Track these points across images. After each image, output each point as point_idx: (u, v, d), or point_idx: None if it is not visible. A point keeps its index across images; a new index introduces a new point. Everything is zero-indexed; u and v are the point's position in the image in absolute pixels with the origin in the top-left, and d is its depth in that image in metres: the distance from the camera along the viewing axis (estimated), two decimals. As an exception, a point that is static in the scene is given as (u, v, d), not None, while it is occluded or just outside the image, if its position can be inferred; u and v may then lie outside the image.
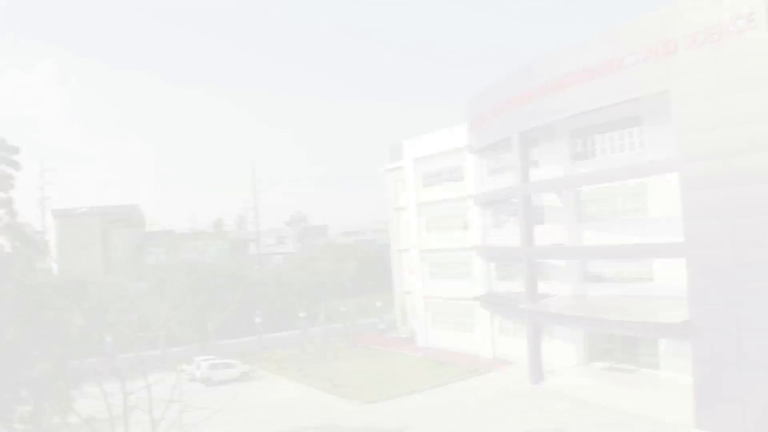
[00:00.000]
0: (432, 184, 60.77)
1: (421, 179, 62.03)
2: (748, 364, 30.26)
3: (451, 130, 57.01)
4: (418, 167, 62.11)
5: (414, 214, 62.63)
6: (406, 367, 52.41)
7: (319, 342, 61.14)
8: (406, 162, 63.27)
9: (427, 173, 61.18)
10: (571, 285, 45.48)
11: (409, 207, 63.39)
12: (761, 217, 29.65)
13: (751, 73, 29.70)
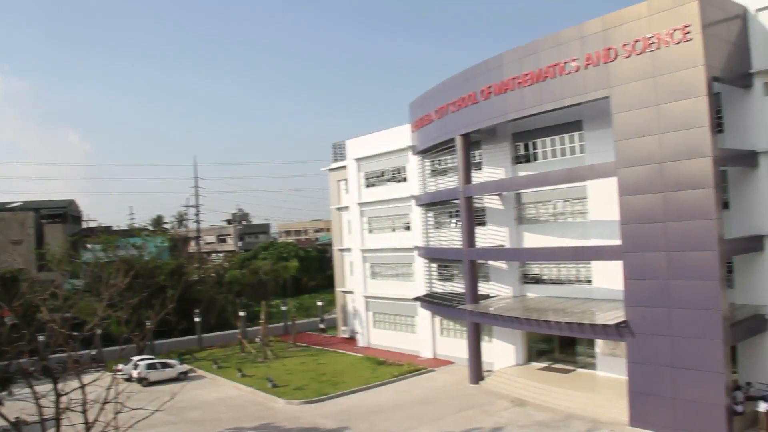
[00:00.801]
0: (374, 185, 60.85)
1: (364, 179, 62.04)
2: (680, 364, 31.23)
3: (394, 131, 57.14)
4: (361, 167, 62.09)
5: (356, 214, 62.61)
6: (346, 366, 52.36)
7: (260, 341, 60.58)
8: (349, 162, 63.19)
9: (370, 173, 61.25)
10: (512, 286, 46.09)
11: (352, 207, 63.32)
12: (693, 221, 30.59)
13: (685, 83, 30.61)
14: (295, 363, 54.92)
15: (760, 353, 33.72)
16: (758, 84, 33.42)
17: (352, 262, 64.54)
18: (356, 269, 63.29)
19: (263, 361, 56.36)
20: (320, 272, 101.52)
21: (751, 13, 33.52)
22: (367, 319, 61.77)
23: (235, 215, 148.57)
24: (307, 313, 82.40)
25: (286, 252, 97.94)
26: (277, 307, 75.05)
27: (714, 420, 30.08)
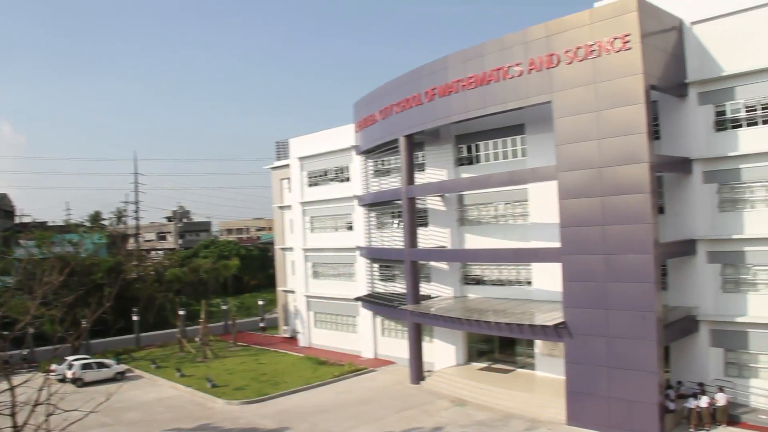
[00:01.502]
0: (317, 184, 60.70)
1: (307, 178, 61.83)
2: (615, 364, 32.05)
3: (338, 130, 57.12)
4: (304, 166, 61.86)
5: (298, 213, 62.36)
6: (287, 366, 52.09)
7: (199, 340, 59.81)
8: (292, 160, 62.87)
9: (313, 172, 61.07)
10: (453, 287, 46.57)
11: (294, 206, 63.05)
12: (630, 225, 31.42)
13: (625, 90, 31.43)
14: (236, 363, 54.40)
15: (690, 353, 34.92)
16: (693, 94, 34.62)
17: (294, 261, 64.28)
18: (298, 268, 63.05)
19: (203, 361, 55.67)
20: (262, 271, 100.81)
21: (687, 25, 34.72)
22: (309, 319, 61.59)
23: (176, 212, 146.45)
24: (248, 312, 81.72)
25: (227, 250, 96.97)
26: (217, 306, 74.24)
27: (647, 417, 31.00)
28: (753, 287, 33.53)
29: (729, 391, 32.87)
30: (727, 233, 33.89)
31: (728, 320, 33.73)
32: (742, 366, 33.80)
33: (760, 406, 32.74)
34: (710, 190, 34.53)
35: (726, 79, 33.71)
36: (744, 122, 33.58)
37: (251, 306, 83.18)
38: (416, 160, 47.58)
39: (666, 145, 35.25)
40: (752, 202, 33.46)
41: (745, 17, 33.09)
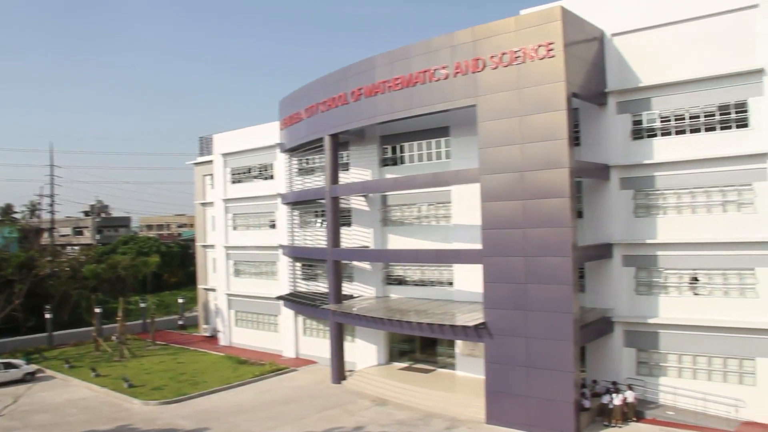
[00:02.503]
0: (241, 181, 60.00)
1: (230, 175, 61.03)
2: (534, 364, 32.81)
3: (263, 127, 56.62)
4: (227, 162, 61.04)
5: (221, 210, 61.48)
6: (207, 365, 51.28)
7: (116, 339, 58.22)
8: (216, 157, 61.91)
9: (237, 169, 60.32)
10: (375, 287, 46.74)
11: (217, 202, 62.13)
12: (549, 228, 32.20)
13: (547, 97, 32.19)
14: (154, 362, 53.20)
15: (606, 353, 36.07)
16: (612, 102, 35.79)
17: (216, 259, 63.36)
18: (219, 266, 62.17)
19: (119, 360, 54.17)
20: (182, 268, 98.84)
21: (608, 37, 35.91)
22: (230, 318, 60.81)
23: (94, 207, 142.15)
24: (168, 310, 79.95)
25: (147, 247, 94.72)
26: (135, 304, 72.42)
27: (564, 415, 31.87)
28: (664, 290, 34.93)
29: (640, 389, 34.32)
30: (641, 238, 35.18)
31: (641, 321, 35.02)
32: (652, 365, 35.17)
33: (667, 403, 34.22)
34: (626, 196, 35.77)
35: (643, 90, 35.03)
36: (659, 132, 34.95)
37: (171, 304, 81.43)
38: (341, 160, 47.57)
39: (586, 152, 36.30)
40: (665, 208, 34.83)
41: (661, 32, 34.52)
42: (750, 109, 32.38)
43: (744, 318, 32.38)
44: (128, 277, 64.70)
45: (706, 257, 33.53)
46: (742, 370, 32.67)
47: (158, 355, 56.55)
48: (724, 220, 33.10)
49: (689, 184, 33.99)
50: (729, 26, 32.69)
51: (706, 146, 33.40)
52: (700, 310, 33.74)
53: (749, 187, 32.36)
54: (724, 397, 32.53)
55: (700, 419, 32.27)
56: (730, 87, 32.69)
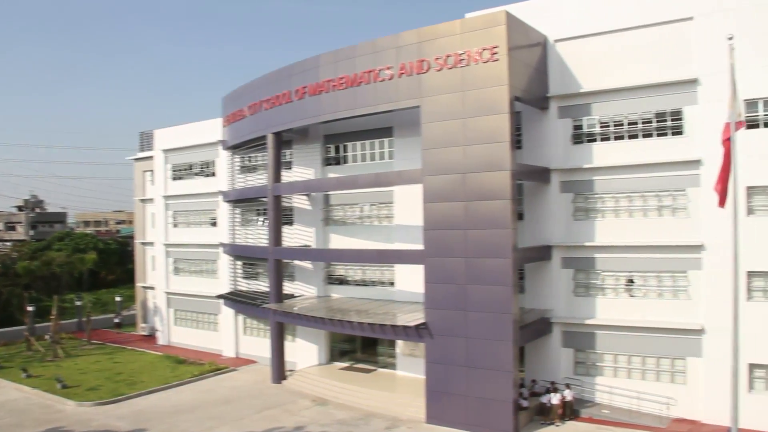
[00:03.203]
0: (182, 177, 59.11)
1: (171, 171, 60.08)
2: (473, 364, 33.15)
3: (205, 123, 55.88)
4: (168, 159, 60.07)
5: (161, 207, 60.46)
6: (145, 365, 50.31)
7: (50, 338, 56.58)
8: (156, 152, 60.85)
9: (178, 166, 59.40)
10: (317, 286, 46.59)
11: (157, 199, 61.09)
12: (490, 230, 32.56)
13: (490, 100, 32.54)
14: (89, 362, 51.91)
15: (544, 353, 36.69)
16: (553, 107, 36.43)
17: (155, 256, 62.30)
18: (159, 264, 61.13)
19: (53, 360, 52.66)
20: (120, 266, 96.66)
21: (551, 42, 36.55)
22: (168, 316, 59.83)
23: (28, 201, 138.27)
24: (105, 308, 78.00)
25: (83, 243, 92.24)
26: (71, 302, 70.47)
27: (502, 414, 32.28)
28: (601, 291, 35.73)
29: (577, 388, 35.01)
30: (580, 240, 35.89)
31: (578, 322, 35.74)
32: (589, 365, 35.92)
33: (603, 402, 35.02)
34: (566, 199, 36.45)
35: (584, 96, 35.77)
36: (599, 137, 35.73)
37: (108, 302, 79.48)
38: (284, 158, 47.27)
39: (527, 155, 36.84)
40: (603, 211, 35.62)
41: (602, 39, 35.34)
42: (685, 117, 33.40)
43: (676, 319, 33.37)
44: (63, 275, 63.12)
45: (642, 260, 34.42)
46: (673, 370, 33.68)
47: (94, 354, 55.21)
48: (660, 224, 34.04)
49: (626, 189, 34.85)
50: (666, 37, 33.66)
51: (643, 152, 34.30)
52: (636, 312, 34.64)
53: (683, 193, 33.36)
54: (656, 395, 33.48)
55: (633, 417, 33.11)
56: (667, 95, 33.66)
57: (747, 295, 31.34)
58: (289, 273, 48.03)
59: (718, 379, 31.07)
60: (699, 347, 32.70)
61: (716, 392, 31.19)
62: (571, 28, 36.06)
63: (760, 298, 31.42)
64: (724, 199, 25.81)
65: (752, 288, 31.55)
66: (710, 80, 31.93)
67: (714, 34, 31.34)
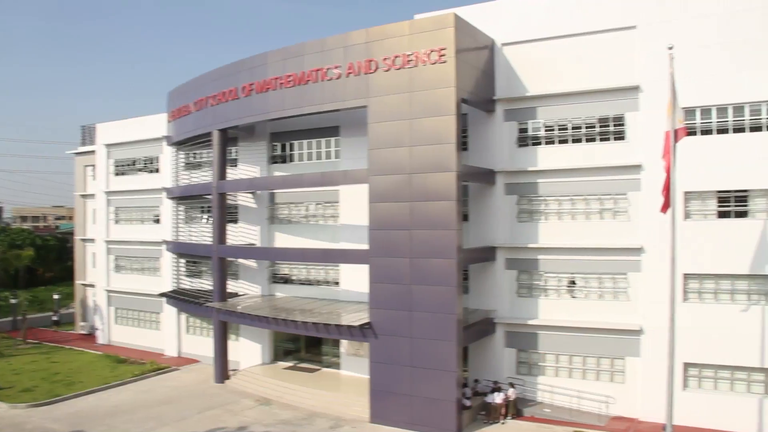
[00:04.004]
0: (125, 173, 57.98)
1: (113, 167, 58.88)
2: (418, 363, 33.31)
3: (149, 118, 54.92)
4: (111, 153, 58.86)
5: (102, 203, 59.19)
6: (83, 365, 49.13)
7: (-19, 338, 54.91)
8: (98, 147, 59.53)
9: (121, 161, 58.26)
10: (261, 285, 46.27)
11: (98, 195, 59.78)
12: (436, 230, 32.77)
13: (437, 101, 32.73)
14: (24, 362, 50.38)
15: (488, 353, 37.11)
16: (499, 110, 36.86)
17: (96, 253, 60.96)
18: (99, 261, 59.86)
19: (-15, 360, 51.21)
20: (59, 263, 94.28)
21: (498, 46, 36.96)
22: (109, 315, 58.60)
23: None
24: (42, 307, 75.85)
25: (20, 239, 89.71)
26: (6, 300, 68.54)
27: (446, 414, 32.55)
28: (544, 292, 36.28)
29: (519, 387, 35.50)
30: (524, 242, 36.38)
31: (521, 323, 36.23)
32: (531, 365, 36.45)
33: (545, 401, 35.61)
34: (511, 201, 36.91)
35: (529, 99, 36.27)
36: (543, 140, 36.27)
37: (45, 300, 77.38)
38: (229, 155, 46.76)
39: (473, 157, 37.18)
40: (546, 214, 36.17)
41: (548, 45, 35.91)
42: (627, 123, 34.16)
43: (616, 320, 34.12)
44: (-2, 271, 61.25)
45: (584, 262, 35.08)
46: (613, 369, 34.43)
47: (30, 354, 53.62)
48: (601, 226, 34.74)
49: (569, 192, 35.46)
50: (611, 44, 34.37)
51: (586, 156, 34.97)
52: (577, 312, 35.28)
53: (624, 197, 34.10)
54: (596, 394, 34.18)
55: (574, 415, 33.75)
56: (610, 101, 34.39)
57: (683, 296, 32.28)
58: (234, 271, 47.59)
59: (654, 377, 31.89)
60: (637, 347, 33.52)
61: (653, 391, 32.03)
62: (518, 33, 36.52)
63: (695, 299, 32.40)
64: (668, 204, 26.65)
65: (688, 290, 32.51)
66: (652, 88, 32.72)
67: (656, 44, 32.13)
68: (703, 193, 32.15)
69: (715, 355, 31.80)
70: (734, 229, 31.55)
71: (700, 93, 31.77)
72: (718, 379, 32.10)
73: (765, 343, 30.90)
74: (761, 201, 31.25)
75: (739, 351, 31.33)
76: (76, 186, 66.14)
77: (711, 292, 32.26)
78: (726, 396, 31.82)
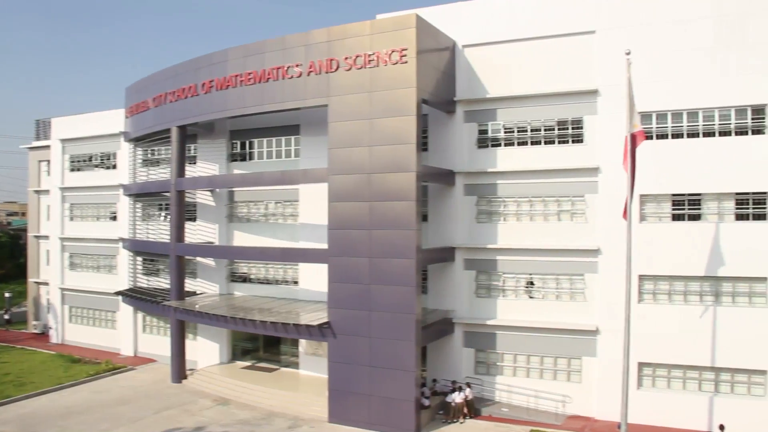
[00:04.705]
0: (81, 169, 56.96)
1: (69, 162, 57.84)
2: (377, 363, 33.35)
3: (107, 114, 54.02)
4: (66, 149, 57.78)
5: (57, 199, 58.09)
6: (36, 364, 48.15)
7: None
8: (54, 142, 58.39)
9: (76, 156, 57.19)
10: (219, 284, 45.89)
11: (53, 191, 58.66)
12: (395, 230, 32.83)
13: (398, 101, 32.78)
14: (-27, 362, 49.34)
15: (446, 353, 37.28)
16: (460, 111, 37.05)
17: (50, 250, 59.81)
18: (53, 259, 58.73)
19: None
20: (11, 260, 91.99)
21: (459, 47, 37.16)
22: (63, 314, 57.54)
23: None
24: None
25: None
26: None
27: (405, 413, 32.64)
28: (502, 293, 36.58)
29: (478, 387, 35.80)
30: (482, 243, 36.63)
31: (480, 323, 36.46)
32: (490, 364, 36.72)
33: (503, 400, 35.90)
34: (470, 202, 37.12)
35: (489, 101, 36.54)
36: (503, 142, 36.56)
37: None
38: (188, 153, 46.28)
39: (433, 157, 37.32)
40: (505, 215, 36.48)
41: (509, 47, 36.25)
42: (585, 126, 34.62)
43: (573, 320, 34.56)
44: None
45: (542, 263, 35.45)
46: (570, 369, 34.85)
47: (-21, 354, 52.49)
48: (559, 228, 35.16)
49: (528, 193, 35.80)
50: (570, 48, 34.81)
51: (545, 158, 35.34)
52: (535, 313, 35.64)
53: (582, 199, 34.55)
54: (553, 393, 34.60)
55: (531, 415, 34.09)
56: (569, 104, 34.82)
57: (638, 297, 32.83)
58: (192, 270, 47.12)
59: (610, 377, 32.45)
60: (594, 347, 34.00)
61: (608, 390, 32.53)
62: (479, 35, 36.75)
63: (649, 300, 32.98)
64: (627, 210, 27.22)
65: (643, 291, 33.10)
66: (610, 92, 33.21)
67: (614, 49, 32.61)
68: (659, 196, 32.76)
69: (669, 355, 32.44)
70: (688, 231, 32.24)
71: (657, 98, 32.39)
72: (671, 378, 32.74)
73: (716, 342, 31.64)
74: (713, 204, 31.98)
75: (691, 351, 32.04)
76: (30, 181, 64.75)
77: (665, 293, 32.90)
78: (678, 394, 32.50)
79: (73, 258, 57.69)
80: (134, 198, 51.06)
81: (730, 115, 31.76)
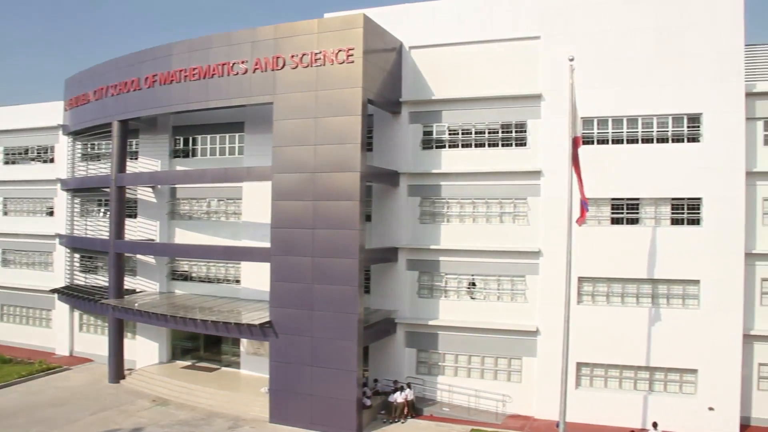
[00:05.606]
0: (15, 162, 55.29)
1: (3, 155, 56.04)
2: (318, 363, 33.26)
3: (44, 105, 52.34)
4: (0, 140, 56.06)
5: (-11, 193, 56.34)
6: (-36, 365, 46.65)
7: None
8: (-14, 134, 56.62)
9: (11, 149, 55.43)
10: (159, 282, 45.15)
11: (-15, 185, 56.82)
12: (338, 230, 32.82)
13: (344, 101, 32.77)
14: None
15: (388, 353, 37.41)
16: (405, 112, 37.23)
17: (-19, 246, 57.94)
18: (-15, 255, 56.93)
19: None
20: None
21: (406, 49, 37.33)
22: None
23: None
24: None
25: None
26: None
27: (346, 413, 32.64)
28: (444, 293, 36.88)
29: (419, 387, 36.02)
30: (425, 243, 36.87)
31: (422, 323, 36.67)
32: (431, 364, 36.95)
33: (444, 400, 36.17)
34: (414, 203, 37.33)
35: (435, 103, 36.81)
36: (447, 144, 36.86)
37: None
38: (130, 148, 45.25)
39: (377, 157, 37.40)
40: (448, 216, 36.78)
41: (455, 50, 36.57)
42: (528, 130, 35.18)
43: (514, 321, 35.03)
44: None
45: (484, 264, 35.85)
46: (510, 369, 35.34)
47: None
48: (501, 230, 35.61)
49: (471, 195, 36.18)
50: (516, 52, 35.31)
51: (489, 160, 35.76)
52: (476, 313, 36.02)
53: (524, 201, 35.06)
54: (493, 393, 34.97)
55: (472, 414, 34.44)
56: (513, 108, 35.33)
57: (577, 298, 33.47)
58: (131, 267, 46.21)
59: (549, 377, 32.98)
60: (534, 347, 34.53)
61: (548, 389, 33.05)
62: (426, 37, 36.96)
63: (588, 301, 33.68)
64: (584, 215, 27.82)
65: (582, 292, 33.78)
66: (553, 97, 33.78)
67: (558, 55, 33.10)
68: (599, 200, 33.43)
69: (606, 355, 33.20)
70: (626, 235, 33.07)
71: (598, 104, 33.12)
72: (608, 377, 33.51)
73: (651, 343, 32.51)
74: (651, 209, 32.85)
75: (627, 351, 32.86)
76: (-37, 174, 62.51)
77: (603, 294, 33.65)
78: (615, 393, 33.32)
79: (5, 254, 55.90)
80: (72, 193, 49.85)
81: (668, 123, 32.69)
